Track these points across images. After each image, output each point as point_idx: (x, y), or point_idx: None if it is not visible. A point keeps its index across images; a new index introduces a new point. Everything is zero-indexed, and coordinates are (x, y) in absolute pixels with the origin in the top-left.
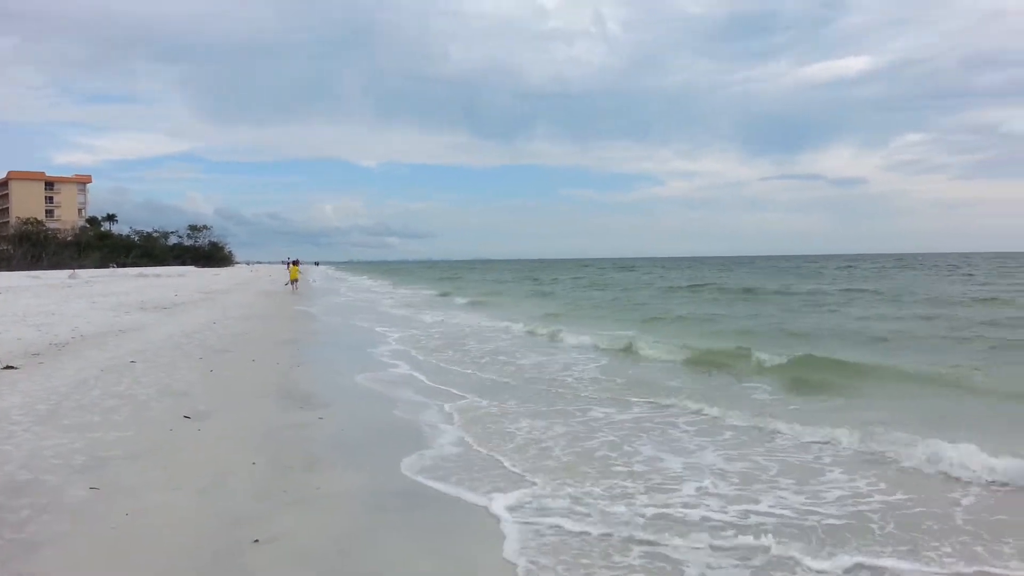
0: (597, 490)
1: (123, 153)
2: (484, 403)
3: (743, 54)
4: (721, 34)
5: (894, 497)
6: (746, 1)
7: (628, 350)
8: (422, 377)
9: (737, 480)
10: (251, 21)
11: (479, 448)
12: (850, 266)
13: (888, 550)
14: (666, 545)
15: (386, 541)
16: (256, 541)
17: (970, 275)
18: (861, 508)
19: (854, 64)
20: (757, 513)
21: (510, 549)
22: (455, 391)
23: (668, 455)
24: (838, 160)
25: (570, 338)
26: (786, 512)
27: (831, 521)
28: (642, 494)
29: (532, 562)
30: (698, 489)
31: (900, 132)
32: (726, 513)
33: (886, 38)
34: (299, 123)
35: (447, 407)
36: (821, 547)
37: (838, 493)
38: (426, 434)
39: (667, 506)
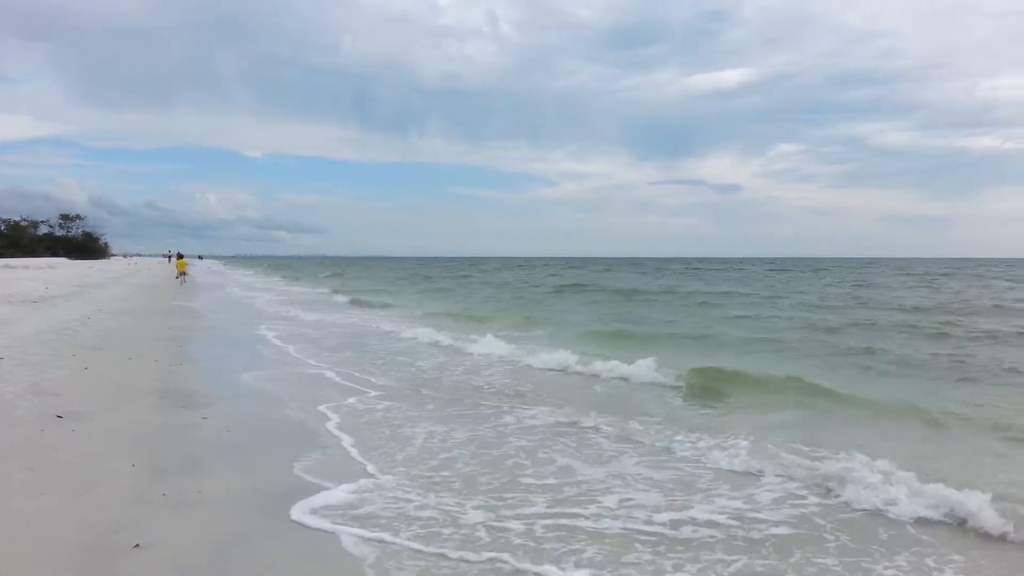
0: (501, 504)
1: None
2: (382, 405)
3: (631, 62)
4: (610, 41)
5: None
6: (635, 11)
7: (530, 355)
8: (325, 376)
9: (666, 489)
10: (130, 1)
11: (364, 454)
12: (727, 268)
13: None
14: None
15: (266, 545)
16: (136, 546)
17: (842, 280)
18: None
19: (734, 76)
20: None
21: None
22: (350, 392)
23: (582, 464)
24: (719, 167)
25: (470, 342)
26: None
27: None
28: (546, 505)
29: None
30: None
31: (775, 142)
32: (651, 523)
33: (763, 53)
34: (180, 110)
35: (339, 409)
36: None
37: (771, 496)
38: (314, 436)
39: (577, 517)
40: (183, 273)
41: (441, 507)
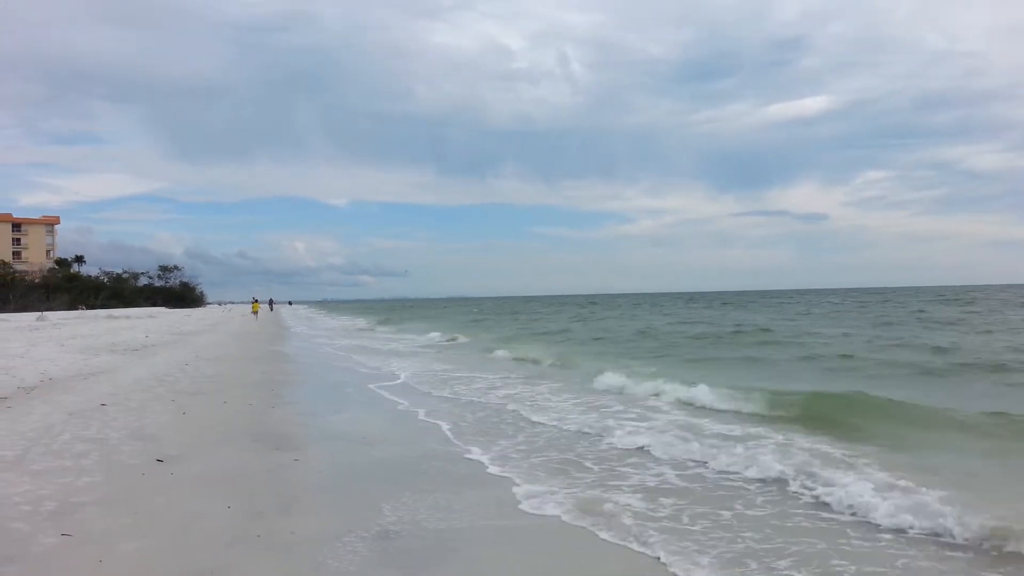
0: None
1: (90, 194)
2: (479, 457)
3: (704, 95)
4: (682, 76)
5: None
6: (704, 46)
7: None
8: (414, 417)
9: None
10: (212, 61)
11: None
12: (841, 302)
13: None
14: None
15: None
16: None
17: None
18: None
19: (813, 104)
20: None
21: None
22: (452, 439)
23: None
24: (802, 197)
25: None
26: None
27: None
28: None
29: None
30: None
31: (861, 169)
32: None
33: (840, 79)
34: (264, 163)
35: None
36: None
37: None
38: (410, 477)
39: None
40: (255, 312)
41: None
